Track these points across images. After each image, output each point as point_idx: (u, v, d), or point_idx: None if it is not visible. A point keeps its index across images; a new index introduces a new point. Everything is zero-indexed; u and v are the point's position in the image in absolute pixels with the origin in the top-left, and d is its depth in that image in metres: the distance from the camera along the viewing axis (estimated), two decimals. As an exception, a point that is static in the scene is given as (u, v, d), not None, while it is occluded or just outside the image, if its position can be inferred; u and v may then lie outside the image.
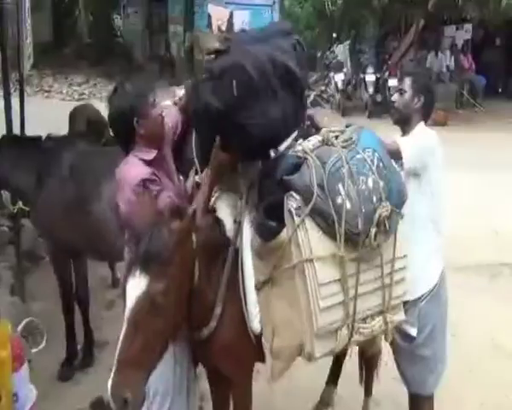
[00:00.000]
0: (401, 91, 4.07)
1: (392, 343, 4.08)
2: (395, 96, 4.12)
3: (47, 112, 13.46)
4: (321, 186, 3.11)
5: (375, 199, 3.22)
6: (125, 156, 3.70)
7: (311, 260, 3.09)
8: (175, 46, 27.94)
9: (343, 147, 3.29)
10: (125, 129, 3.64)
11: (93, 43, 30.04)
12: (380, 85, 19.40)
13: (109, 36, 31.40)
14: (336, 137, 3.40)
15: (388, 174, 3.34)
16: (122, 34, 32.54)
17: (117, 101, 3.66)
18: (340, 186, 3.14)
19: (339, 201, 3.12)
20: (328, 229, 3.14)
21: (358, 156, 3.27)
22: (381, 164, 3.32)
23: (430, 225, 4.02)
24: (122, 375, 2.82)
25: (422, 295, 3.98)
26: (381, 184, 3.26)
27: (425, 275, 3.97)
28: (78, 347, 5.81)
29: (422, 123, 4.06)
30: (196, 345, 3.63)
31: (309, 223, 3.14)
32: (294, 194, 3.17)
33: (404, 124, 4.09)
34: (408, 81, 4.06)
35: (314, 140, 3.38)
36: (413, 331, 3.99)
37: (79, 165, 5.32)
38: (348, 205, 3.13)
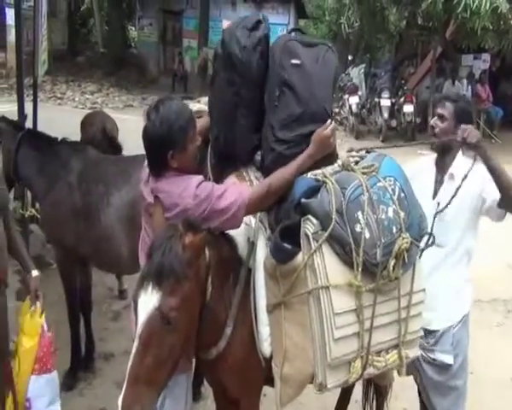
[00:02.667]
0: (442, 117, 3.88)
1: (417, 378, 4.02)
2: (435, 121, 3.93)
3: (59, 118, 13.47)
4: (340, 212, 3.02)
5: (394, 230, 3.10)
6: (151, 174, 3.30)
7: (327, 288, 3.00)
8: (188, 60, 28.13)
9: (363, 173, 3.20)
10: (157, 156, 3.20)
11: (107, 53, 30.33)
12: (395, 111, 19.29)
13: (123, 47, 31.75)
14: (356, 162, 3.35)
15: (410, 205, 3.22)
16: (136, 46, 32.84)
17: (157, 125, 3.14)
18: (360, 214, 3.04)
19: (357, 229, 3.02)
20: (346, 257, 3.05)
21: (379, 184, 3.16)
22: (402, 194, 3.19)
23: (467, 255, 3.98)
24: (132, 391, 2.73)
25: (455, 323, 3.90)
26: (402, 214, 3.13)
27: (458, 302, 3.92)
28: None
29: (461, 152, 3.93)
30: (203, 364, 3.55)
31: (326, 249, 3.05)
32: (312, 218, 3.09)
33: (444, 152, 3.93)
34: (450, 108, 3.85)
35: (333, 164, 3.32)
36: (449, 359, 3.88)
37: (89, 172, 5.28)
38: (367, 234, 3.03)
